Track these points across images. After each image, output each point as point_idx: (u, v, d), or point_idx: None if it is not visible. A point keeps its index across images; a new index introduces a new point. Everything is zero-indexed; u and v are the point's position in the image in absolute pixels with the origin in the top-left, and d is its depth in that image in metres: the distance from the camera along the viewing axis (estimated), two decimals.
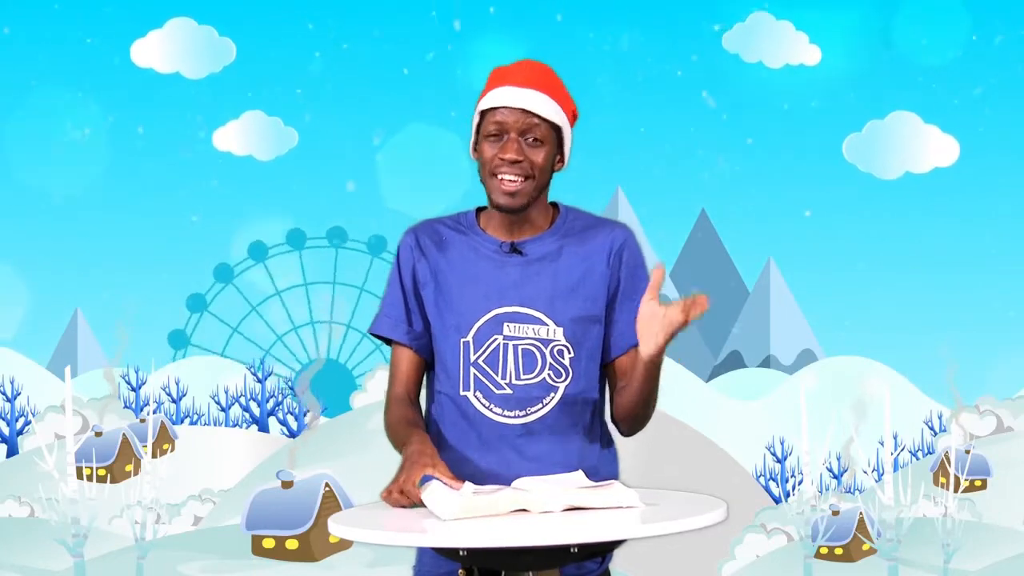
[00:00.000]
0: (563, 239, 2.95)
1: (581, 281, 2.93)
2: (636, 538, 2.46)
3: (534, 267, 2.92)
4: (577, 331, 2.91)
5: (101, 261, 13.76)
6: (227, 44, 13.68)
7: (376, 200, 13.99)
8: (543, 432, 2.91)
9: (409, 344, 2.97)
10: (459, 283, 2.93)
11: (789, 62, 13.50)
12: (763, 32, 13.48)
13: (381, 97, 14.06)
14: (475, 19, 13.65)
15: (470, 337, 2.91)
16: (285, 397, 12.95)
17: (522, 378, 2.90)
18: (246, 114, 13.71)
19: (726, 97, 13.82)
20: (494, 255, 2.93)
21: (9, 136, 13.87)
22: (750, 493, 11.57)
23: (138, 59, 13.54)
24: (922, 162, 13.38)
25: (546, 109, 2.88)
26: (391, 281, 3.01)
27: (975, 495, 10.86)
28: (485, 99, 2.90)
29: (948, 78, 13.35)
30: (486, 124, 2.89)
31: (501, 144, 2.88)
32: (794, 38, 13.43)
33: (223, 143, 13.77)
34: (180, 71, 13.64)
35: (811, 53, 13.46)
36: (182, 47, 13.55)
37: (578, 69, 13.60)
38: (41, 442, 10.07)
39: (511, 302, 2.91)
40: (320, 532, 9.40)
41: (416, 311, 2.97)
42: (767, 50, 13.48)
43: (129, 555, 9.57)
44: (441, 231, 2.98)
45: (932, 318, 13.85)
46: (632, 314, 2.92)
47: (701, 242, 16.36)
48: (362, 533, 2.54)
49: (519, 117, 2.87)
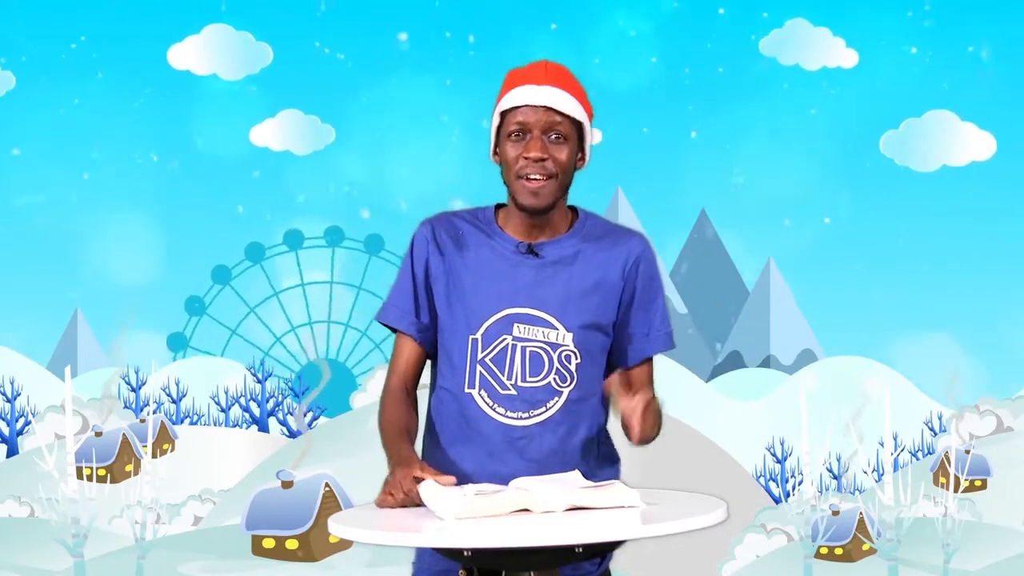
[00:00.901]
0: (580, 244, 2.94)
1: (595, 288, 2.92)
2: (637, 538, 2.47)
3: (549, 270, 2.92)
4: (585, 338, 2.91)
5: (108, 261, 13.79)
6: (264, 48, 13.73)
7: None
8: (544, 435, 2.91)
9: (414, 336, 2.97)
10: (473, 280, 2.93)
11: (826, 65, 13.56)
12: (801, 37, 13.54)
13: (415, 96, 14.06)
14: (489, 32, 13.65)
15: (479, 335, 2.90)
16: (285, 397, 12.95)
17: (528, 380, 2.90)
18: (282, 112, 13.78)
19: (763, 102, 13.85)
20: (510, 255, 2.93)
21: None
22: (750, 493, 11.56)
23: (175, 63, 13.61)
24: (958, 156, 13.45)
25: (568, 106, 2.87)
26: (402, 270, 2.99)
27: (975, 495, 10.85)
28: (505, 99, 2.89)
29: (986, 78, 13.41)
30: (507, 124, 2.88)
31: (524, 143, 2.87)
32: (831, 43, 13.52)
33: (260, 139, 13.80)
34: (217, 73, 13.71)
35: (848, 57, 13.53)
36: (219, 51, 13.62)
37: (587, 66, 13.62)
38: (41, 442, 10.06)
39: (523, 303, 2.91)
40: (320, 532, 9.40)
41: (425, 304, 2.96)
42: (804, 54, 13.55)
43: (129, 555, 9.57)
44: (459, 225, 2.98)
45: (932, 318, 13.85)
46: (647, 327, 2.94)
47: (701, 242, 16.36)
48: (362, 533, 2.54)
49: (541, 115, 2.86)
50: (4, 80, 13.43)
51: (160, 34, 13.65)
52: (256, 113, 13.87)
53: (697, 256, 16.51)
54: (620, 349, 2.96)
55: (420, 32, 13.79)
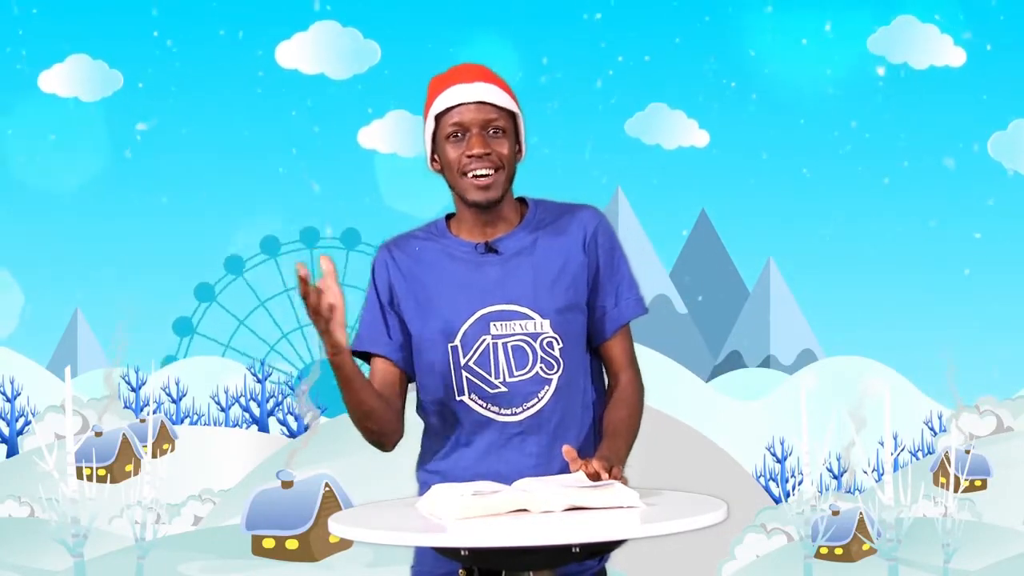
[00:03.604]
0: (535, 231, 2.95)
1: (561, 271, 2.94)
2: (636, 538, 2.47)
3: (512, 263, 2.93)
4: (563, 321, 2.92)
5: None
6: (372, 46, 13.71)
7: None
8: (541, 426, 2.92)
9: (388, 356, 2.97)
10: (440, 289, 2.93)
11: (934, 63, 13.53)
12: (909, 34, 13.53)
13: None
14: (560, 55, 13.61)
15: (458, 341, 2.91)
16: (285, 397, 12.95)
17: (515, 375, 2.91)
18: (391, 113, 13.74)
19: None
20: (471, 257, 2.94)
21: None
22: (750, 493, 11.57)
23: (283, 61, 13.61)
24: None
25: (502, 99, 2.89)
26: (368, 299, 3.01)
27: (975, 495, 10.85)
28: (437, 102, 2.90)
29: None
30: (444, 127, 2.89)
31: (465, 141, 2.88)
32: (939, 40, 13.50)
33: (368, 141, 13.77)
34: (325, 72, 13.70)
35: (956, 55, 13.51)
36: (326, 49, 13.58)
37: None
38: (41, 442, 10.06)
39: (495, 301, 2.92)
40: (320, 532, 9.40)
41: (396, 325, 2.97)
42: (913, 52, 13.53)
43: (129, 555, 9.57)
44: (413, 243, 2.99)
45: (932, 318, 13.85)
46: (614, 297, 2.95)
47: (701, 242, 16.36)
48: (362, 533, 2.55)
49: (477, 111, 2.87)
50: (112, 80, 13.54)
51: (268, 32, 13.66)
52: (364, 114, 13.82)
53: (697, 256, 16.51)
54: (594, 324, 2.97)
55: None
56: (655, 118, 14.09)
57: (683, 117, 14.04)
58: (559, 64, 13.65)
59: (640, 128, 14.05)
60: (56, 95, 13.37)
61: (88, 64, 13.45)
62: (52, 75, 13.33)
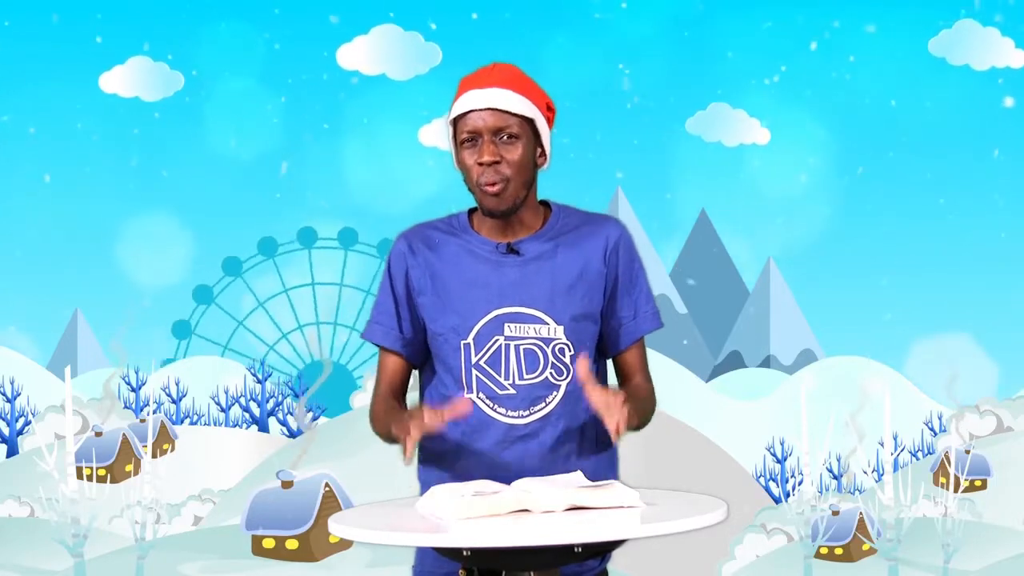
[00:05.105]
0: (557, 238, 2.95)
1: (579, 279, 2.94)
2: (637, 538, 2.47)
3: (532, 267, 2.92)
4: (577, 329, 2.93)
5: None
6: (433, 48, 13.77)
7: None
8: (546, 430, 2.92)
9: (399, 351, 2.98)
10: (457, 286, 2.93)
11: (995, 65, 13.62)
12: (970, 38, 13.61)
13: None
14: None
15: (471, 339, 2.91)
16: (285, 397, 12.96)
17: (525, 378, 2.91)
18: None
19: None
20: (491, 256, 2.93)
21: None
22: (750, 493, 11.57)
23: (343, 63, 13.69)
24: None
25: (513, 104, 2.86)
26: (382, 288, 3.01)
27: (975, 495, 10.85)
28: (454, 108, 2.90)
29: None
30: (459, 132, 2.89)
31: (477, 148, 2.88)
32: (1000, 43, 13.60)
33: (428, 139, 13.80)
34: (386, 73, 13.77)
35: (1018, 57, 13.60)
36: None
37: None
38: (41, 442, 10.07)
39: (511, 303, 2.91)
40: (320, 532, 9.40)
41: (407, 317, 2.98)
42: (974, 55, 13.61)
43: (129, 555, 9.56)
44: (434, 235, 2.98)
45: (932, 318, 13.85)
46: (632, 309, 2.96)
47: (701, 242, 16.36)
48: (362, 533, 2.55)
49: (487, 117, 2.86)
50: (174, 80, 13.70)
51: (329, 34, 13.72)
52: (423, 113, 13.87)
53: (697, 256, 16.52)
54: (610, 335, 2.98)
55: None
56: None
57: None
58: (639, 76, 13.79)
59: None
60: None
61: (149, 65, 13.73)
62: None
